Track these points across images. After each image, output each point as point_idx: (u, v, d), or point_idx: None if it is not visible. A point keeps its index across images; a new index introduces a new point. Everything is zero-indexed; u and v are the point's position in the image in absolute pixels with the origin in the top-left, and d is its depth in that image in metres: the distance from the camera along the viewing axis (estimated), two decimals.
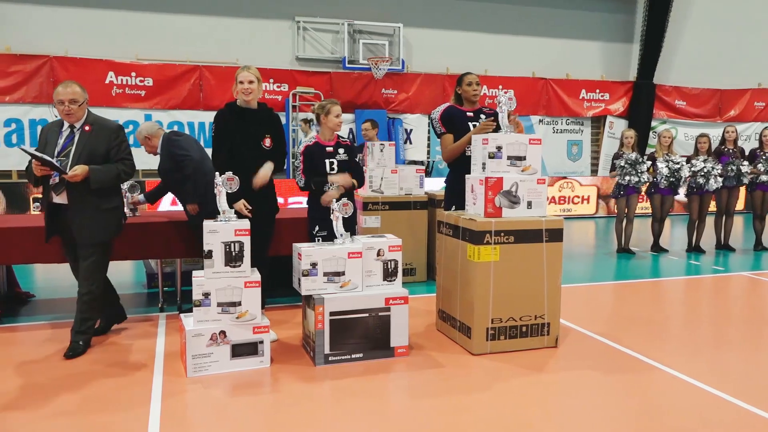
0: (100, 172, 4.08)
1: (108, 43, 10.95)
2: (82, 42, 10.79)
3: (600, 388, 3.68)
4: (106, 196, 4.20)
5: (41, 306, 5.52)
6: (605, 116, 14.15)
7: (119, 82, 11.03)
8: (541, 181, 4.32)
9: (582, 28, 13.76)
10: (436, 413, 3.31)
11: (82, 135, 4.14)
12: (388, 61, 12.08)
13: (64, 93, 4.07)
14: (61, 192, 4.10)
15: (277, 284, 5.35)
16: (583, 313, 5.28)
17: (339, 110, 4.69)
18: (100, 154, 4.14)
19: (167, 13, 11.26)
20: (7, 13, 10.46)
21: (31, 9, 10.57)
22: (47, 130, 4.24)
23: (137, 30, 11.13)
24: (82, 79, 10.65)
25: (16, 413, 3.26)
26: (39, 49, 10.56)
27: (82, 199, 4.08)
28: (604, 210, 13.03)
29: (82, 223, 4.11)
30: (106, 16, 10.95)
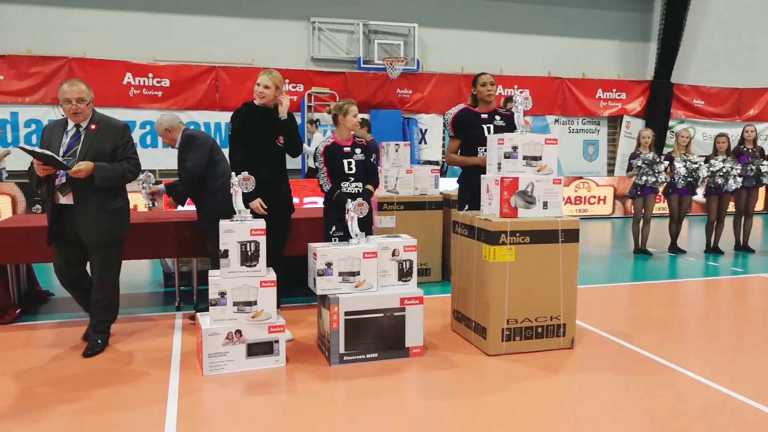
0: (105, 170, 4.01)
1: (125, 44, 11.06)
2: (100, 43, 10.92)
3: (617, 390, 3.65)
4: (112, 196, 4.16)
5: (60, 304, 5.58)
6: (622, 116, 14.05)
7: (136, 83, 11.14)
8: (557, 181, 4.29)
9: (599, 27, 13.66)
10: (450, 414, 3.30)
11: (88, 134, 4.08)
12: (403, 61, 12.08)
13: (71, 91, 4.00)
14: (68, 192, 4.04)
15: (292, 284, 5.36)
16: (600, 315, 5.24)
17: (356, 110, 4.70)
18: (107, 153, 4.08)
19: (184, 14, 11.36)
20: (27, 16, 10.60)
21: (51, 11, 10.71)
22: (50, 129, 4.17)
23: (154, 31, 11.24)
24: (100, 80, 10.85)
25: (35, 410, 3.30)
26: (58, 50, 10.69)
27: (88, 199, 4.03)
28: (620, 210, 12.93)
29: (89, 223, 4.06)
30: (124, 18, 11.06)
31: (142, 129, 11.35)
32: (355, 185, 4.64)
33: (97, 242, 4.11)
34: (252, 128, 4.45)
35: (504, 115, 4.88)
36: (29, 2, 10.62)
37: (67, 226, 4.10)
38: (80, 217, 4.04)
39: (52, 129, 4.15)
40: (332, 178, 4.61)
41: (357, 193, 4.60)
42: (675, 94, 14.09)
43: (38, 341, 4.55)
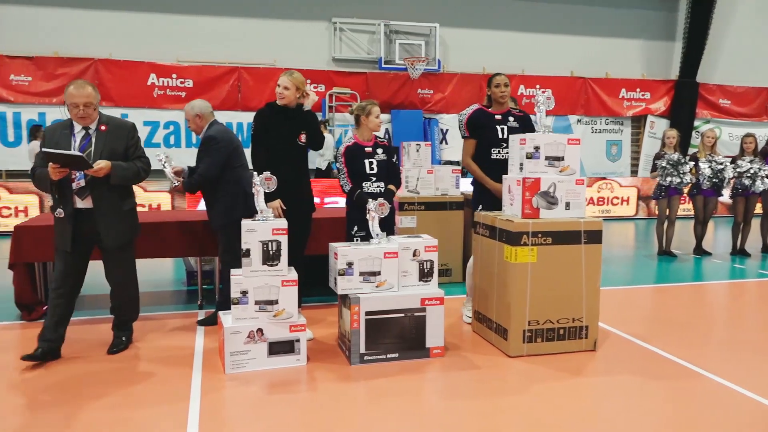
0: (121, 169, 3.97)
1: (150, 45, 11.20)
2: (125, 45, 11.07)
3: (640, 393, 3.61)
4: (126, 196, 4.15)
5: (86, 302, 5.67)
6: (646, 116, 13.87)
7: (161, 83, 11.27)
8: (579, 182, 4.25)
9: (622, 26, 13.51)
10: (471, 415, 3.29)
11: (100, 135, 4.00)
12: (424, 61, 12.07)
13: (78, 96, 3.89)
14: (87, 196, 3.96)
15: (313, 283, 5.39)
16: (623, 317, 5.18)
17: (378, 111, 4.71)
18: (120, 153, 4.02)
19: (207, 15, 11.47)
20: (54, 18, 10.79)
21: (77, 13, 10.88)
22: (54, 132, 4.01)
23: (178, 33, 11.36)
24: (125, 81, 11.00)
25: (59, 406, 3.36)
26: (84, 52, 10.86)
27: (106, 201, 3.99)
28: (644, 211, 12.77)
29: (109, 225, 4.02)
30: (148, 20, 11.20)
31: (165, 129, 11.47)
32: (377, 185, 4.64)
33: (119, 243, 4.10)
34: (274, 128, 4.48)
35: (517, 116, 4.83)
36: (56, 5, 10.80)
37: (84, 231, 4.00)
38: (101, 220, 3.99)
39: (56, 132, 4.01)
40: (353, 178, 4.61)
41: (378, 193, 4.60)
42: (700, 94, 13.88)
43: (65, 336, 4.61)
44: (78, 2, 10.87)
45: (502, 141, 4.73)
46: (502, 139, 4.73)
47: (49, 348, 4.00)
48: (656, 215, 8.37)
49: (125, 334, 4.34)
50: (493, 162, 4.74)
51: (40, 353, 3.94)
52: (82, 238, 4.01)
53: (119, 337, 4.31)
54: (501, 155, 4.73)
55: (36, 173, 3.98)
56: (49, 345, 4.00)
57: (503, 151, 4.72)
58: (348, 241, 4.54)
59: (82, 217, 3.98)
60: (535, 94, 4.45)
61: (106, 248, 4.10)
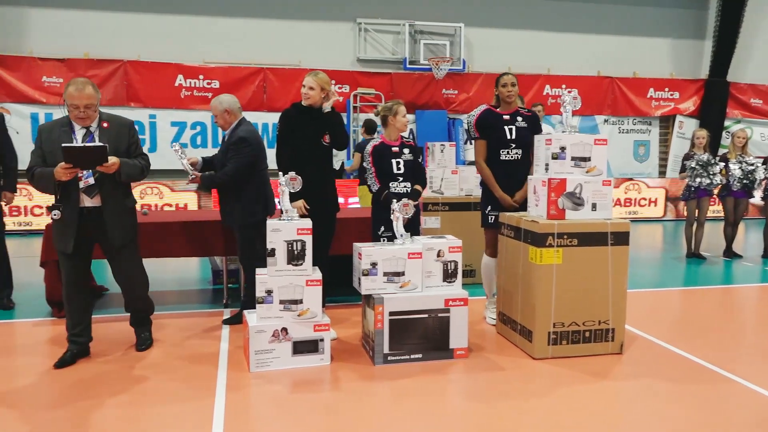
0: (128, 165, 3.88)
1: (177, 47, 11.34)
2: (153, 46, 11.22)
3: (668, 398, 3.55)
4: (129, 193, 4.10)
5: (114, 300, 5.76)
6: (674, 115, 13.64)
7: (188, 84, 11.41)
8: (606, 183, 4.21)
9: (650, 24, 13.30)
10: (495, 417, 3.27)
11: (103, 132, 3.87)
12: (449, 62, 12.03)
13: (79, 98, 3.72)
14: (96, 194, 3.85)
15: (337, 283, 5.40)
16: (650, 320, 5.11)
17: (405, 110, 4.72)
18: (123, 151, 3.90)
19: (233, 17, 11.57)
20: (84, 21, 10.99)
21: (107, 16, 11.07)
22: (52, 131, 3.82)
23: (205, 34, 11.48)
24: (153, 82, 11.15)
25: (87, 401, 3.42)
26: (114, 54, 11.04)
27: (113, 199, 3.91)
28: (672, 213, 12.57)
29: (117, 223, 3.93)
30: (176, 22, 11.34)
31: (192, 129, 11.61)
32: (404, 185, 4.64)
33: (125, 241, 4.02)
34: (299, 128, 4.51)
35: (526, 116, 4.78)
36: (87, 7, 11.00)
37: (88, 231, 3.88)
38: (109, 218, 3.89)
39: (54, 130, 3.82)
40: (380, 178, 4.61)
41: (405, 193, 4.60)
42: (731, 93, 13.60)
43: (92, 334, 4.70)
44: (108, 5, 11.06)
45: (510, 141, 4.71)
46: (510, 139, 4.70)
47: (79, 350, 4.05)
48: (685, 217, 8.23)
49: (146, 329, 4.39)
50: (503, 163, 4.73)
51: (70, 356, 4.00)
52: (84, 238, 3.89)
53: (143, 334, 4.35)
54: (510, 156, 4.71)
55: (36, 173, 3.78)
56: (78, 347, 4.05)
57: (512, 152, 4.71)
58: (374, 241, 4.54)
59: (88, 217, 3.86)
60: (561, 94, 4.42)
61: (113, 246, 3.98)
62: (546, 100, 12.33)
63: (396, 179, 4.62)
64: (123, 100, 11.04)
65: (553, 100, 12.41)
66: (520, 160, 4.72)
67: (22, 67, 10.72)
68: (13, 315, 5.23)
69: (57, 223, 3.80)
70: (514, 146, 4.69)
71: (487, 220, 4.84)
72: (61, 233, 3.86)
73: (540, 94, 12.63)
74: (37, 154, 3.80)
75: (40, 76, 10.78)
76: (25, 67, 10.73)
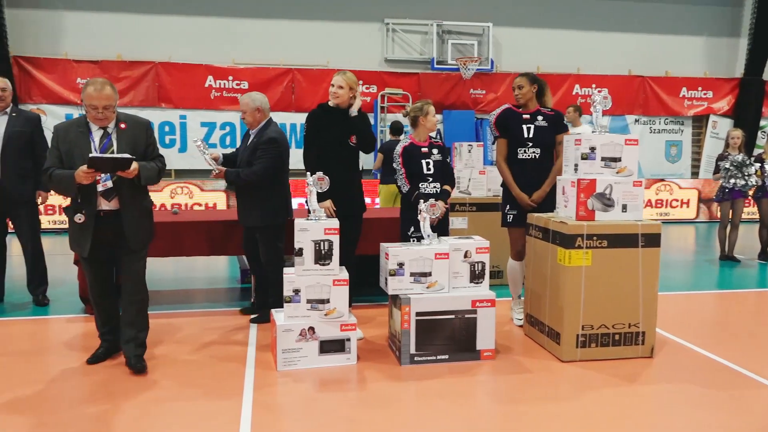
0: (146, 169, 3.73)
1: (207, 48, 11.48)
2: (184, 48, 11.38)
3: (701, 403, 3.48)
4: (147, 196, 3.93)
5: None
6: (708, 115, 13.36)
7: (217, 85, 11.54)
8: (637, 184, 4.14)
9: (683, 22, 13.05)
10: (522, 420, 3.24)
11: (121, 133, 3.75)
12: (476, 61, 11.97)
13: (98, 98, 3.60)
14: (114, 197, 3.72)
15: (363, 283, 5.41)
16: (682, 323, 5.01)
17: (434, 110, 4.72)
18: (140, 153, 3.77)
19: (262, 18, 11.68)
20: (117, 23, 11.20)
21: (138, 18, 11.26)
22: (68, 131, 3.72)
23: (234, 35, 11.61)
24: (183, 83, 11.30)
25: (117, 398, 3.49)
26: (145, 55, 11.23)
27: (132, 202, 3.77)
28: (705, 215, 12.31)
29: (136, 226, 3.79)
30: (206, 23, 11.49)
31: (222, 130, 11.74)
32: (433, 186, 4.63)
33: (143, 245, 3.88)
34: (326, 129, 4.53)
35: (547, 115, 4.72)
36: (119, 10, 11.20)
37: (105, 234, 3.74)
38: (127, 221, 3.74)
39: (70, 131, 3.72)
40: (410, 179, 4.61)
41: (435, 194, 4.59)
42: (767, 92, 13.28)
43: None
44: (140, 7, 11.25)
45: (527, 141, 4.67)
46: (527, 138, 4.67)
47: (109, 347, 4.08)
48: (718, 218, 8.06)
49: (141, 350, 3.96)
50: (520, 162, 4.70)
51: (102, 353, 4.04)
52: (100, 242, 3.75)
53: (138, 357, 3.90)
54: (527, 155, 4.69)
55: (54, 174, 3.66)
56: (108, 344, 4.07)
57: (529, 151, 4.68)
58: (403, 241, 4.54)
59: (105, 220, 3.72)
60: (591, 94, 4.36)
61: (129, 250, 3.81)
62: (575, 100, 12.18)
63: (426, 180, 4.61)
64: (154, 101, 11.23)
65: (582, 99, 12.26)
66: (537, 159, 4.69)
67: (58, 69, 10.97)
68: (48, 311, 5.36)
69: (74, 226, 3.74)
70: (531, 145, 4.67)
71: (506, 219, 4.82)
72: (77, 237, 3.77)
73: (569, 94, 12.49)
74: (54, 155, 3.70)
75: (75, 78, 11.01)
76: (60, 70, 10.97)
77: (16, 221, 5.38)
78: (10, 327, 4.90)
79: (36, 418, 3.22)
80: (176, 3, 11.36)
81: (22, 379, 3.74)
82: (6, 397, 3.47)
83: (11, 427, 3.13)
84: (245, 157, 4.79)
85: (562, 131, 4.71)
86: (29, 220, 5.39)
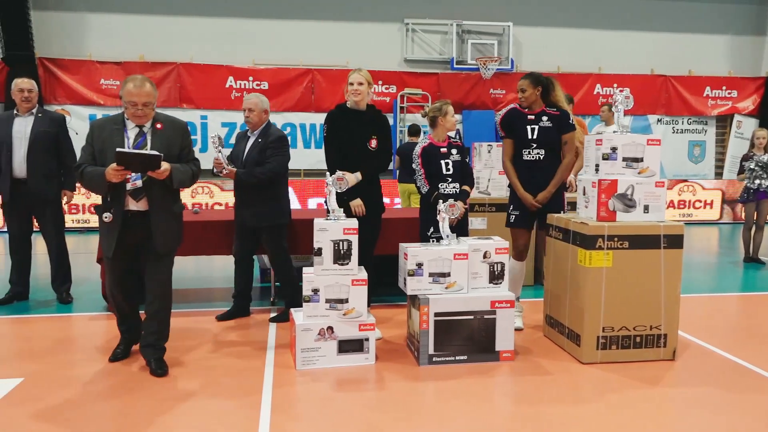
0: (179, 171, 3.68)
1: (228, 49, 11.58)
2: (205, 49, 11.49)
3: (723, 407, 3.43)
4: (178, 198, 3.87)
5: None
6: (732, 115, 13.16)
7: (238, 86, 11.63)
8: (659, 184, 4.09)
9: (707, 20, 12.86)
10: (542, 422, 3.22)
11: (156, 133, 3.70)
12: (496, 61, 11.91)
13: (138, 95, 3.57)
14: (142, 197, 3.66)
15: (381, 283, 5.42)
16: (705, 326, 4.94)
17: (453, 110, 4.72)
18: (175, 154, 3.72)
19: (282, 19, 11.74)
20: (140, 24, 11.34)
21: (161, 20, 11.39)
22: (104, 129, 3.68)
23: (254, 36, 11.69)
24: (204, 84, 11.41)
25: (137, 394, 3.53)
26: (167, 56, 11.35)
27: (161, 203, 3.70)
28: (729, 216, 12.13)
29: (163, 228, 3.71)
30: (227, 25, 11.59)
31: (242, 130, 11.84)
32: (453, 186, 4.63)
33: (170, 248, 3.82)
34: (344, 130, 4.52)
35: (552, 116, 4.67)
36: (142, 12, 11.35)
37: (133, 235, 3.70)
38: (155, 223, 3.68)
39: (105, 128, 3.69)
40: (429, 179, 4.61)
41: (455, 194, 4.58)
42: None
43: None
44: (162, 9, 11.38)
45: (531, 141, 4.64)
46: (532, 139, 4.64)
47: (127, 343, 4.09)
48: (743, 220, 7.93)
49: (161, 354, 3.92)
50: (525, 163, 4.67)
51: (122, 351, 4.07)
52: (126, 243, 3.71)
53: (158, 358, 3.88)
54: (531, 156, 4.66)
55: (85, 171, 3.63)
56: (129, 342, 4.10)
57: (533, 152, 4.65)
58: (422, 242, 4.53)
59: (133, 221, 3.67)
60: (612, 94, 4.32)
61: (155, 253, 3.75)
62: (596, 100, 12.07)
63: (445, 180, 4.61)
64: (176, 101, 11.35)
65: (603, 99, 12.15)
66: (542, 161, 4.65)
67: (82, 71, 11.14)
68: (71, 309, 5.44)
69: (103, 226, 3.71)
70: (535, 146, 4.64)
71: (509, 220, 4.79)
72: (104, 236, 3.73)
73: (590, 94, 12.40)
74: (88, 152, 3.68)
75: (98, 79, 11.18)
76: (84, 71, 11.14)
77: (42, 220, 5.48)
78: (35, 324, 4.99)
79: (59, 414, 3.27)
80: (198, 4, 11.47)
81: (46, 376, 3.81)
82: (31, 393, 3.53)
83: (37, 421, 3.18)
84: (252, 158, 4.82)
85: (567, 131, 4.66)
86: (54, 218, 5.49)
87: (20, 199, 5.32)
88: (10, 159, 5.26)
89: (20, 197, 5.31)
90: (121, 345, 4.11)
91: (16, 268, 5.55)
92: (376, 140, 4.56)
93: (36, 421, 3.18)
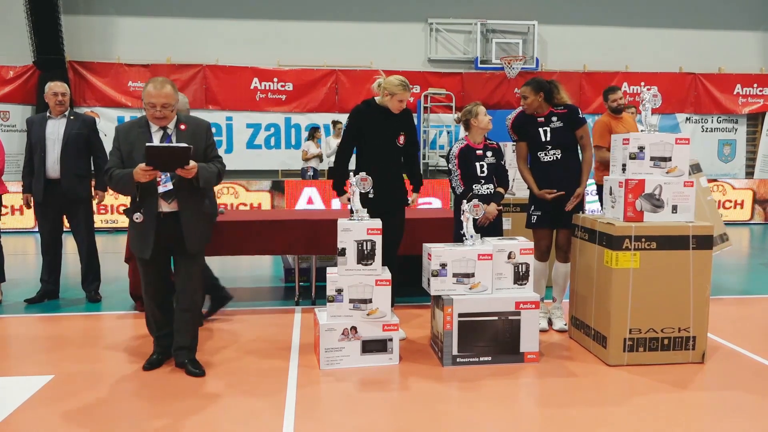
0: (206, 170, 3.69)
1: (253, 51, 11.70)
2: (230, 51, 11.62)
3: (753, 412, 3.35)
4: (204, 199, 3.92)
5: None
6: (764, 113, 12.89)
7: (263, 87, 11.74)
8: (688, 184, 4.02)
9: (737, 17, 12.61)
10: (568, 424, 3.19)
11: (180, 134, 3.72)
12: (521, 60, 11.83)
13: (157, 96, 3.59)
14: (173, 199, 3.69)
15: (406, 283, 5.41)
16: (736, 329, 4.84)
17: (484, 109, 4.72)
18: (200, 154, 3.74)
19: (306, 20, 11.82)
20: (167, 27, 11.51)
21: (187, 22, 11.56)
22: (130, 131, 3.73)
23: (279, 38, 11.79)
24: (230, 85, 11.53)
25: (162, 393, 3.58)
26: (194, 58, 11.50)
27: (191, 204, 3.74)
28: (760, 216, 11.87)
29: (194, 229, 3.75)
30: (252, 26, 11.70)
31: (266, 131, 11.94)
32: (487, 187, 4.63)
33: (199, 248, 3.86)
34: (372, 127, 4.50)
35: (561, 115, 4.62)
36: (168, 15, 11.51)
37: (166, 236, 3.72)
38: (186, 224, 3.72)
39: (131, 131, 3.73)
40: (465, 180, 4.61)
41: (489, 195, 4.59)
42: None
43: None
44: (188, 12, 11.54)
45: (546, 144, 4.62)
46: (546, 141, 4.61)
47: (165, 351, 4.00)
48: None
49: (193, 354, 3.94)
50: (544, 164, 4.64)
51: (156, 359, 3.97)
52: (161, 244, 3.74)
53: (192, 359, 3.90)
54: (549, 157, 4.63)
55: (114, 174, 3.67)
56: (164, 349, 3.99)
57: (549, 153, 4.62)
58: (456, 242, 4.52)
59: (165, 222, 3.70)
60: (640, 92, 4.26)
61: (186, 253, 3.79)
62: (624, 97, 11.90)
63: (479, 182, 4.62)
64: (202, 103, 11.49)
65: (631, 98, 11.99)
66: (560, 160, 4.61)
67: (110, 73, 11.35)
68: (100, 308, 5.54)
69: (135, 227, 3.73)
70: (550, 147, 4.61)
71: (530, 220, 4.75)
72: (139, 238, 3.74)
73: None
74: (116, 156, 3.72)
75: (126, 81, 11.37)
76: (113, 73, 11.35)
77: (73, 220, 5.59)
78: (65, 322, 5.09)
79: (90, 412, 3.32)
80: (223, 7, 11.60)
81: (76, 373, 3.88)
82: (62, 390, 3.60)
83: (68, 418, 3.24)
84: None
85: (579, 126, 4.62)
86: (85, 218, 5.61)
87: (53, 199, 5.45)
88: (43, 160, 5.40)
89: (53, 197, 5.44)
90: (155, 353, 4.01)
91: (47, 267, 5.67)
92: (404, 136, 4.57)
93: (67, 418, 3.24)
